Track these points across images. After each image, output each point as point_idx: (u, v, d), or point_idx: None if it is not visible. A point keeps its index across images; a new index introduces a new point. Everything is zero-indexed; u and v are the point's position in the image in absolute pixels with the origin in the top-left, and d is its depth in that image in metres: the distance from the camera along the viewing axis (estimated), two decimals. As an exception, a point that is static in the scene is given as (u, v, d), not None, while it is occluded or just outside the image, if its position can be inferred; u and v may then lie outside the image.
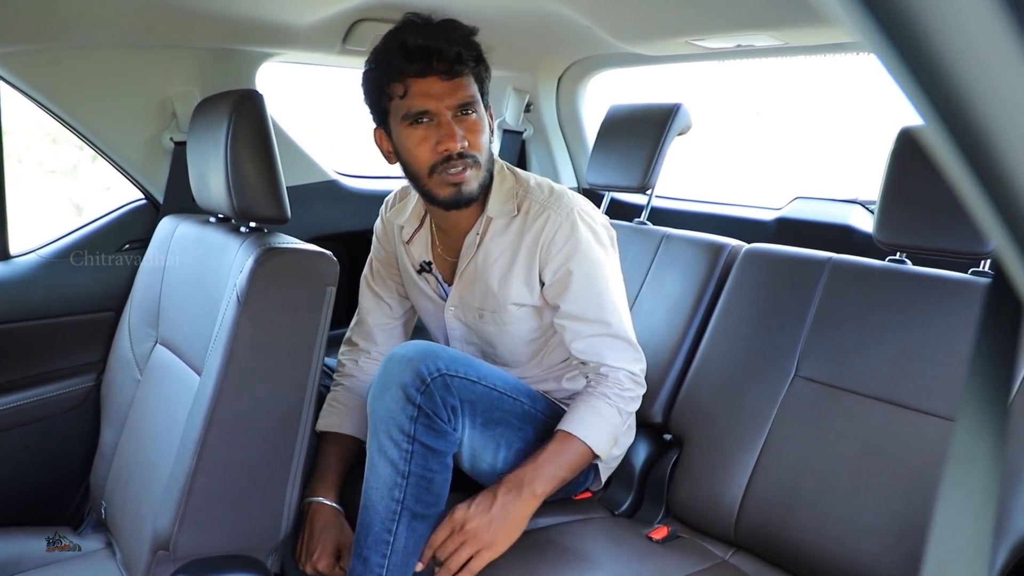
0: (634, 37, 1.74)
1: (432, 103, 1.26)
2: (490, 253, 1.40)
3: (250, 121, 1.24)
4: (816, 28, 1.47)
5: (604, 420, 1.33)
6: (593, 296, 1.36)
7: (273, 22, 1.61)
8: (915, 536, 1.20)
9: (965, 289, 1.30)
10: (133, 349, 1.51)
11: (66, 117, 1.58)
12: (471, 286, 1.43)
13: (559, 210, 1.36)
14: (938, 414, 1.25)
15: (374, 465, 1.22)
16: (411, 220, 1.49)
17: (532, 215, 1.37)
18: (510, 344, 1.46)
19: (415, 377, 1.19)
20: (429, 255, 1.49)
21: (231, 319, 1.13)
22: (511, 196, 1.39)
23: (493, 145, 1.42)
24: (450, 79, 1.26)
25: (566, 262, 1.35)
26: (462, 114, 1.28)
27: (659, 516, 1.54)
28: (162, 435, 1.29)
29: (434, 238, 1.49)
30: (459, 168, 1.28)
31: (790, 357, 1.45)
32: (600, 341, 1.37)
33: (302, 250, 1.19)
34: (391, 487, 1.20)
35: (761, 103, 3.62)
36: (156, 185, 1.72)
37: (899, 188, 1.36)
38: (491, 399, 1.29)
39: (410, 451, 1.19)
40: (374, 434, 1.22)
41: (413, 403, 1.18)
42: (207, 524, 1.13)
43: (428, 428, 1.19)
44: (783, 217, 2.00)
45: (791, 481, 1.36)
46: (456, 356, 1.27)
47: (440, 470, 1.22)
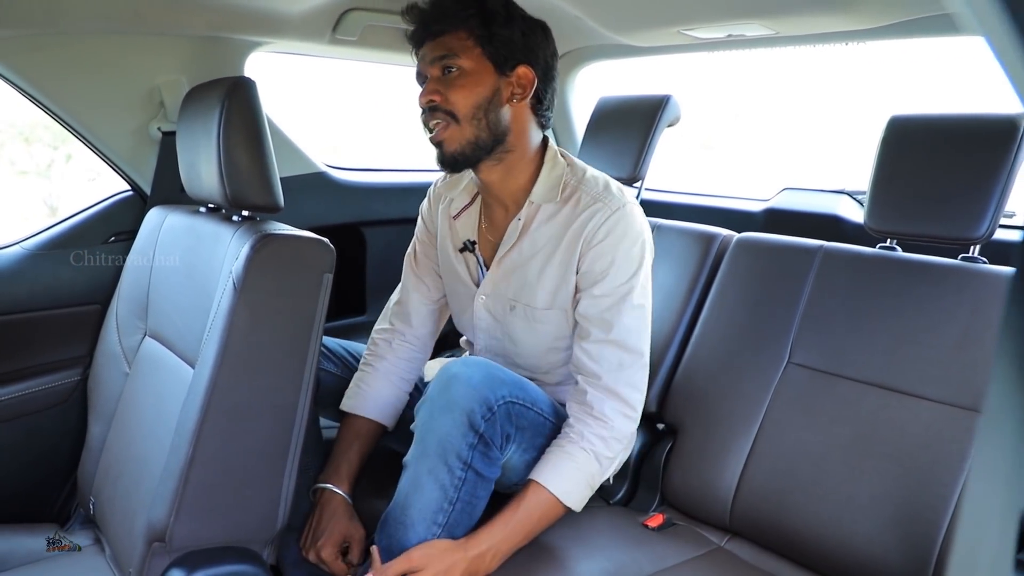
0: (625, 27, 1.74)
1: (423, 64, 1.31)
2: (535, 241, 1.35)
3: (243, 108, 1.23)
4: (807, 17, 1.48)
5: (579, 470, 1.24)
6: (620, 301, 1.29)
7: (263, 10, 1.59)
8: (910, 518, 1.21)
9: (955, 275, 1.31)
10: (121, 342, 1.49)
11: (51, 106, 1.55)
12: (508, 276, 1.38)
13: (611, 203, 1.31)
14: (931, 398, 1.26)
15: (421, 486, 1.16)
16: (462, 195, 1.46)
17: (582, 205, 1.32)
18: (533, 345, 1.40)
19: (482, 404, 1.15)
20: (475, 234, 1.44)
21: (227, 307, 1.11)
22: (558, 183, 1.34)
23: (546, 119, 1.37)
24: (435, 38, 1.28)
25: (606, 257, 1.29)
26: (445, 72, 1.28)
27: (654, 504, 1.55)
28: (153, 428, 1.27)
29: (482, 218, 1.45)
30: (435, 123, 1.28)
31: (783, 344, 1.46)
32: (605, 349, 1.29)
33: (299, 236, 1.17)
34: (436, 512, 1.16)
35: (738, 106, 3.66)
36: (143, 176, 1.70)
37: (889, 175, 1.37)
38: (538, 424, 1.27)
39: (463, 479, 1.16)
40: (424, 454, 1.17)
41: (476, 431, 1.15)
42: (203, 515, 1.12)
43: (484, 456, 1.17)
44: (772, 208, 2.01)
45: (786, 467, 1.37)
46: (516, 380, 1.24)
47: (484, 496, 1.20)
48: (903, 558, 1.20)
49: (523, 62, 1.30)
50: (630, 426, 1.30)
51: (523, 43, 1.30)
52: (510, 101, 1.30)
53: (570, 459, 1.24)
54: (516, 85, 1.30)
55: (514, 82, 1.30)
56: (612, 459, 1.29)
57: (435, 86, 1.27)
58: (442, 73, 1.28)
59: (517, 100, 1.31)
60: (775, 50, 1.86)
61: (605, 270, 1.29)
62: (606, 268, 1.29)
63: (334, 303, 1.67)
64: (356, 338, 1.69)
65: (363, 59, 2.06)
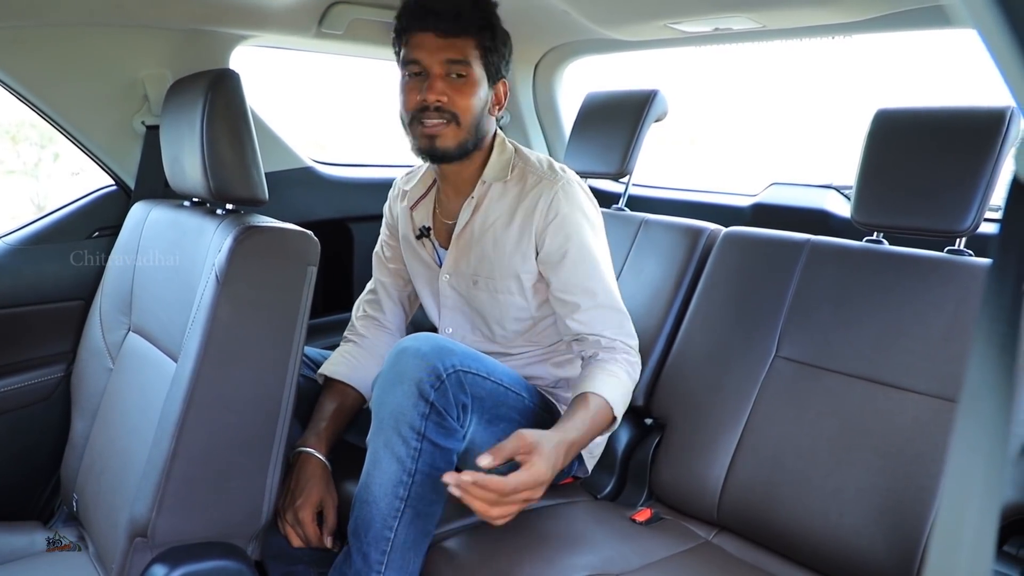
0: (612, 21, 1.74)
1: (423, 55, 1.32)
2: (487, 216, 1.43)
3: (227, 101, 1.22)
4: (793, 10, 1.48)
5: (619, 382, 1.33)
6: (590, 267, 1.38)
7: (248, 3, 1.58)
8: (897, 510, 1.21)
9: (942, 267, 1.32)
10: (105, 337, 1.48)
11: (32, 99, 1.53)
12: (467, 252, 1.45)
13: (555, 182, 1.39)
14: (917, 390, 1.26)
15: (378, 461, 1.18)
16: (418, 186, 1.55)
17: (529, 184, 1.41)
18: (500, 315, 1.46)
19: (431, 374, 1.16)
20: (430, 221, 1.52)
21: (209, 299, 1.10)
22: (508, 164, 1.44)
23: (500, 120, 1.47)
24: (445, 37, 1.31)
25: (561, 232, 1.37)
26: (455, 75, 1.33)
27: (642, 499, 1.54)
28: (136, 424, 1.26)
29: (436, 206, 1.53)
30: (434, 121, 1.33)
31: (770, 338, 1.46)
32: (599, 314, 1.38)
33: (283, 229, 1.16)
34: (396, 485, 1.17)
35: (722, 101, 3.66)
36: (127, 170, 1.68)
37: (876, 169, 1.37)
38: (498, 395, 1.28)
39: (419, 449, 1.16)
40: (379, 428, 1.19)
41: (426, 400, 1.15)
42: (186, 509, 1.10)
43: (439, 426, 1.17)
44: (759, 203, 2.01)
45: (773, 460, 1.37)
46: (468, 351, 1.25)
47: (445, 468, 1.20)
48: (890, 549, 1.20)
49: (502, 75, 1.41)
50: (637, 356, 1.40)
51: (506, 57, 1.40)
52: (490, 113, 1.40)
53: (611, 375, 1.32)
54: (495, 97, 1.41)
55: (495, 94, 1.41)
56: (635, 380, 1.38)
57: (444, 87, 1.32)
58: (448, 74, 1.33)
59: (493, 112, 1.41)
60: (761, 44, 1.86)
61: (564, 244, 1.37)
62: (564, 243, 1.37)
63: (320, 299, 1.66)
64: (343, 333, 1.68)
65: (349, 53, 2.05)
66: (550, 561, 1.24)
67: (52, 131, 1.59)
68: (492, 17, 1.36)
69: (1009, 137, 1.26)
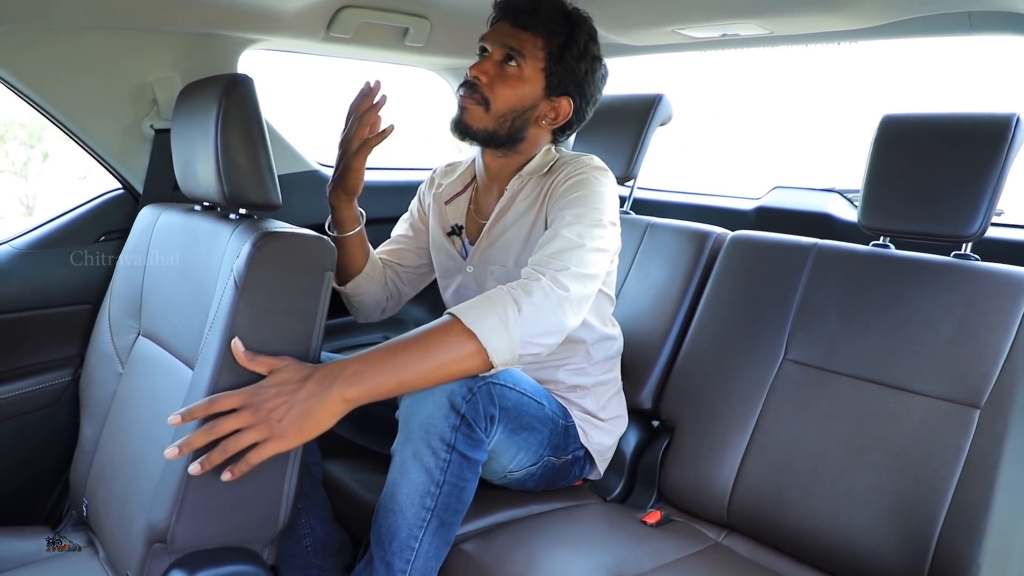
0: (620, 26, 1.75)
1: (491, 38, 1.37)
2: (518, 209, 1.43)
3: (241, 106, 1.22)
4: (802, 17, 1.50)
5: (493, 305, 1.13)
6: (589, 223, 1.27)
7: (257, 7, 1.58)
8: (906, 511, 1.23)
9: (948, 272, 1.33)
10: (114, 342, 1.47)
11: (41, 103, 1.53)
12: (493, 244, 1.46)
13: (582, 167, 1.38)
14: (925, 393, 1.28)
15: (406, 471, 1.18)
16: (456, 183, 1.57)
17: (557, 171, 1.41)
18: None
19: (463, 386, 1.15)
20: (463, 220, 1.53)
21: (228, 305, 1.10)
22: (548, 163, 1.43)
23: (560, 140, 1.48)
24: (514, 27, 1.35)
25: (569, 192, 1.32)
26: (505, 62, 1.35)
27: (651, 501, 1.55)
28: (149, 428, 1.26)
29: (471, 205, 1.54)
30: (465, 94, 1.37)
31: (778, 341, 1.47)
32: (563, 232, 1.25)
33: (300, 234, 1.17)
34: (423, 495, 1.17)
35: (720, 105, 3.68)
36: (135, 174, 1.68)
37: (882, 174, 1.39)
38: (521, 405, 1.28)
39: (448, 460, 1.16)
40: (408, 439, 1.18)
41: (457, 412, 1.15)
42: (205, 515, 1.10)
43: (467, 437, 1.17)
44: (763, 206, 2.03)
45: (782, 462, 1.38)
46: None
47: (472, 478, 1.21)
48: (899, 551, 1.22)
49: (569, 94, 1.38)
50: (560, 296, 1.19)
51: (581, 78, 1.38)
52: (538, 122, 1.39)
53: (491, 301, 1.15)
54: (552, 111, 1.39)
55: (553, 108, 1.39)
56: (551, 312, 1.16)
57: (489, 68, 1.35)
58: (503, 61, 1.35)
59: (545, 124, 1.40)
60: (766, 49, 1.88)
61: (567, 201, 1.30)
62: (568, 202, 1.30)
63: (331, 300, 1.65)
64: (353, 335, 1.68)
65: (357, 57, 2.05)
66: (564, 564, 1.25)
67: (41, 131, 1.59)
68: (572, 27, 1.36)
69: (1015, 143, 1.28)
